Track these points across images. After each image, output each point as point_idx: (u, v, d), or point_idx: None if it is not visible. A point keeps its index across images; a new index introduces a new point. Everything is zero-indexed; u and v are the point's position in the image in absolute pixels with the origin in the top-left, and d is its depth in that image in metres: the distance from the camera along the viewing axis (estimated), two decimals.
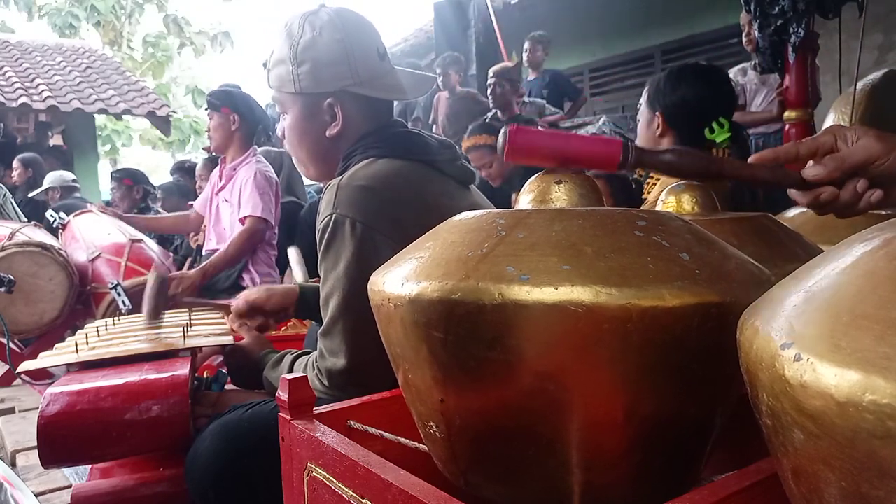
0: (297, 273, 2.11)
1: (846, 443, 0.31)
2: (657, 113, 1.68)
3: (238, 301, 1.43)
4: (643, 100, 1.76)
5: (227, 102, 2.82)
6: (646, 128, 1.73)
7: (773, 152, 0.79)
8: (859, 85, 1.76)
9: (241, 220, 2.73)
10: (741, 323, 0.43)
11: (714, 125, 1.67)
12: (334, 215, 1.08)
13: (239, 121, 2.81)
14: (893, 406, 0.29)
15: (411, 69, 1.40)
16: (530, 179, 0.70)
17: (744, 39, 3.50)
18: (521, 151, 0.71)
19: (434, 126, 5.07)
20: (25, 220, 3.90)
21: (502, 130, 0.71)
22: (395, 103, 1.35)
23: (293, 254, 2.17)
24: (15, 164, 5.64)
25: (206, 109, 2.88)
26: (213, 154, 3.44)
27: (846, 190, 0.75)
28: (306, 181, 3.78)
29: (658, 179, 1.86)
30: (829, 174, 0.75)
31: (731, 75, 3.17)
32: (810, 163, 0.77)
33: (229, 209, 2.84)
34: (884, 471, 0.30)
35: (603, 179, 3.00)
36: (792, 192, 0.79)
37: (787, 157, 0.78)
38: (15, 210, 4.39)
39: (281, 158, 3.51)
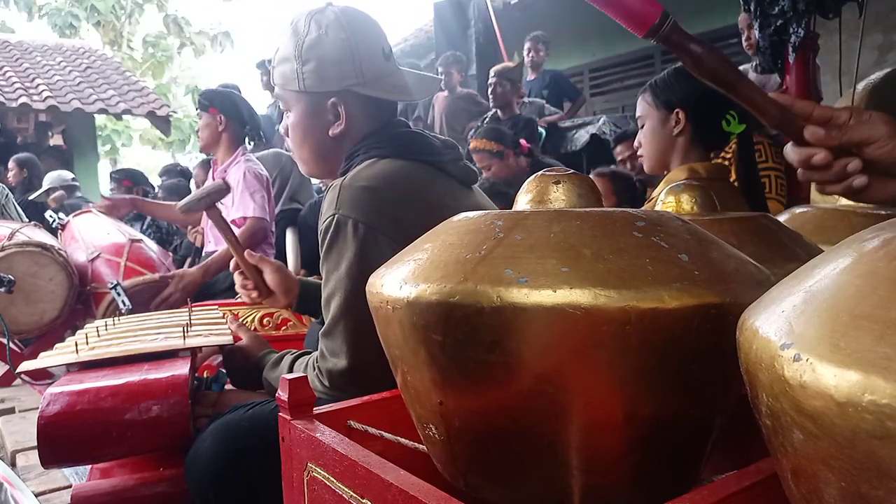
0: (290, 258, 2.10)
1: (846, 443, 0.31)
2: (676, 110, 1.66)
3: (255, 254, 1.44)
4: (646, 104, 1.72)
5: (214, 102, 2.83)
6: (659, 128, 1.69)
7: (791, 100, 0.80)
8: (859, 85, 1.75)
9: (235, 222, 2.73)
10: (741, 323, 0.43)
11: (728, 117, 1.67)
12: (336, 216, 1.08)
13: (225, 121, 2.82)
14: (893, 406, 0.29)
15: (410, 69, 1.40)
16: (529, 179, 0.70)
17: (744, 43, 3.48)
18: None
19: (432, 125, 5.07)
20: (26, 220, 3.90)
21: None
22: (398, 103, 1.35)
23: (290, 236, 2.17)
24: (10, 164, 5.58)
25: (196, 110, 2.90)
26: (207, 155, 3.45)
27: (838, 163, 0.76)
28: (314, 181, 3.77)
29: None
30: (828, 139, 0.76)
31: None
32: None
33: (224, 212, 2.84)
34: (883, 471, 0.30)
35: (607, 178, 2.99)
36: (787, 149, 0.81)
37: (801, 112, 0.79)
38: (16, 210, 4.38)
39: (291, 164, 3.49)
